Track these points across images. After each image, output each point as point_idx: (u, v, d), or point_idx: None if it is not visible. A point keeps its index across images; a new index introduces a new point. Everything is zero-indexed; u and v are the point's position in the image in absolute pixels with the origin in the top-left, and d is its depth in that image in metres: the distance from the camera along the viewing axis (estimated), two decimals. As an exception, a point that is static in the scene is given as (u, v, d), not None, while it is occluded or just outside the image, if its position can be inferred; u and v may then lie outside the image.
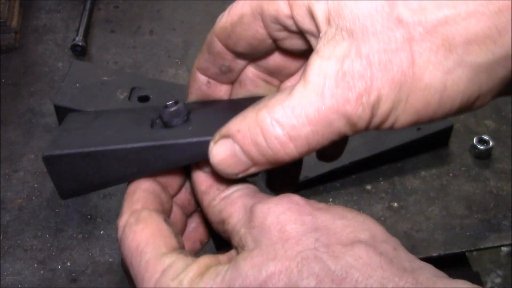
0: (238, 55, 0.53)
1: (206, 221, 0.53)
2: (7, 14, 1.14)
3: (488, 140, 1.00)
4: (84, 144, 0.50)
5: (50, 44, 1.18)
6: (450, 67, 0.41)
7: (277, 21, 0.47)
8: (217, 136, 0.47)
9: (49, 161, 0.50)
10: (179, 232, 0.53)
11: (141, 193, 0.51)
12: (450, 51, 0.41)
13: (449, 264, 0.89)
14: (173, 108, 0.51)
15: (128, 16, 1.25)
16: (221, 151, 0.46)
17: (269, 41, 0.50)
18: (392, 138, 0.97)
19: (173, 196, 0.54)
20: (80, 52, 1.15)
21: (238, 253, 0.46)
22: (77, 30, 1.18)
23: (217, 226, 0.49)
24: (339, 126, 0.43)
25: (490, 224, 0.91)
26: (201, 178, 0.50)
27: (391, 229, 0.83)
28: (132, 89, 1.00)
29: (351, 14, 0.42)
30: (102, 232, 0.89)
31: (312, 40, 0.46)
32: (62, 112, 0.99)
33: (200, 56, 0.57)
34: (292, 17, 0.46)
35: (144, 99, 1.01)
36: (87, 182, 0.51)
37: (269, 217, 0.45)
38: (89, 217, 0.90)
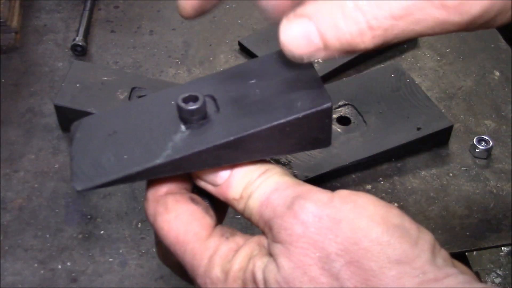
0: None
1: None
2: (7, 14, 1.14)
3: (488, 140, 1.00)
4: (114, 169, 0.46)
5: (50, 44, 1.18)
6: None
7: None
8: (291, 15, 0.46)
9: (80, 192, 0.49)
10: (206, 205, 0.52)
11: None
12: None
13: (449, 264, 0.89)
14: (194, 107, 0.48)
15: (128, 16, 1.25)
16: (294, 29, 0.45)
17: None
18: (392, 138, 0.97)
19: None
20: (80, 52, 1.15)
21: (267, 237, 0.46)
22: (77, 30, 1.18)
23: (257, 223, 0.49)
24: (430, 15, 0.42)
25: (490, 224, 0.91)
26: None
27: (391, 229, 0.83)
28: (132, 89, 1.00)
29: None
30: (102, 232, 0.89)
31: None
32: (62, 112, 0.99)
33: None
34: None
35: (144, 99, 1.01)
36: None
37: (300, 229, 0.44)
38: (89, 217, 0.90)
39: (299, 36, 0.45)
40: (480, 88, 1.13)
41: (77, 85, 1.00)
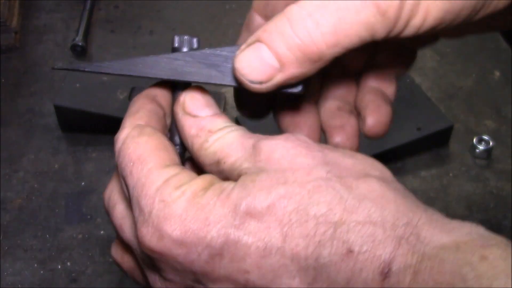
0: None
1: (197, 167, 0.51)
2: (7, 14, 1.14)
3: (488, 140, 1.00)
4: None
5: (50, 44, 1.18)
6: None
7: None
8: (243, 45, 0.46)
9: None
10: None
11: (146, 112, 0.50)
12: None
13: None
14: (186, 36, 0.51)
15: (128, 16, 1.25)
16: (247, 54, 0.45)
17: None
18: (392, 138, 0.97)
19: None
20: (80, 52, 1.15)
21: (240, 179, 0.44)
22: (77, 30, 1.18)
23: (211, 168, 0.47)
24: (368, 16, 0.42)
25: (490, 224, 0.91)
26: (190, 122, 0.49)
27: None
28: (132, 89, 1.00)
29: None
30: (102, 232, 0.89)
31: None
32: (62, 112, 0.99)
33: (240, 38, 0.56)
34: None
35: (144, 99, 1.01)
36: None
37: (278, 151, 0.43)
38: (89, 217, 0.90)
39: (252, 59, 0.45)
40: (480, 88, 1.13)
41: (77, 85, 1.00)
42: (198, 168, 0.50)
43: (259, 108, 0.58)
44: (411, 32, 0.45)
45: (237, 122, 1.02)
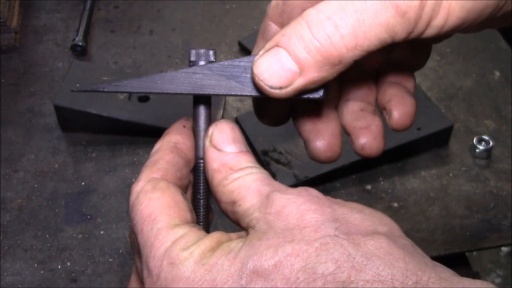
0: None
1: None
2: (7, 14, 1.14)
3: (488, 140, 1.00)
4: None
5: (50, 44, 1.18)
6: None
7: None
8: (261, 51, 0.46)
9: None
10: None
11: (164, 164, 0.50)
12: None
13: (449, 264, 0.89)
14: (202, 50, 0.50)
15: (128, 16, 1.25)
16: (265, 59, 0.45)
17: None
18: (392, 138, 0.97)
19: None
20: (80, 52, 1.15)
21: (248, 233, 0.45)
22: (77, 30, 1.18)
23: (226, 206, 0.48)
24: (387, 17, 0.42)
25: (490, 224, 0.91)
26: (214, 156, 0.48)
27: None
28: (132, 89, 1.00)
29: None
30: (102, 232, 0.89)
31: None
32: (62, 112, 0.99)
33: (255, 47, 0.56)
34: None
35: (144, 99, 1.01)
36: None
37: (288, 207, 0.43)
38: (89, 217, 0.90)
39: (271, 64, 0.45)
40: (480, 88, 1.13)
41: (77, 85, 1.00)
42: None
43: (279, 116, 0.58)
44: (433, 32, 0.44)
45: (237, 121, 1.02)
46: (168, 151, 0.50)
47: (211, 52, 0.50)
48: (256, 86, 0.47)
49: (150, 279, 0.43)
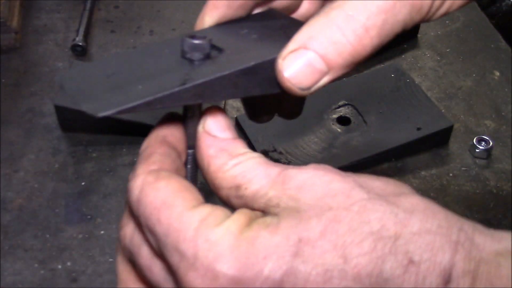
0: None
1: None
2: (7, 14, 1.14)
3: (488, 140, 1.00)
4: (136, 96, 0.44)
5: (50, 44, 1.18)
6: None
7: None
8: (284, 52, 0.46)
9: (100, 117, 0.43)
10: None
11: (158, 156, 0.48)
12: None
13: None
14: (200, 41, 0.47)
15: (128, 16, 1.25)
16: (294, 63, 0.45)
17: None
18: (392, 138, 0.97)
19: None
20: (80, 52, 1.15)
21: (266, 214, 0.43)
22: (77, 30, 1.18)
23: (228, 192, 0.45)
24: (405, 14, 0.44)
25: (490, 224, 0.91)
26: (209, 141, 0.47)
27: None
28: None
29: None
30: (102, 232, 0.89)
31: None
32: (62, 112, 0.99)
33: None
34: None
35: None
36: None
37: (310, 179, 0.42)
38: (89, 217, 0.90)
39: (302, 68, 0.45)
40: (480, 88, 1.13)
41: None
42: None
43: (268, 114, 0.60)
44: (437, 17, 0.47)
45: (237, 121, 1.02)
46: (159, 144, 0.49)
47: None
48: (284, 88, 0.47)
49: (186, 262, 0.41)
